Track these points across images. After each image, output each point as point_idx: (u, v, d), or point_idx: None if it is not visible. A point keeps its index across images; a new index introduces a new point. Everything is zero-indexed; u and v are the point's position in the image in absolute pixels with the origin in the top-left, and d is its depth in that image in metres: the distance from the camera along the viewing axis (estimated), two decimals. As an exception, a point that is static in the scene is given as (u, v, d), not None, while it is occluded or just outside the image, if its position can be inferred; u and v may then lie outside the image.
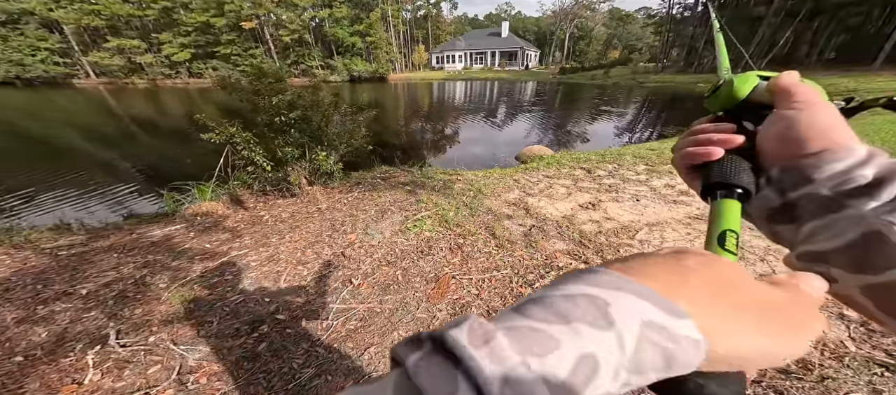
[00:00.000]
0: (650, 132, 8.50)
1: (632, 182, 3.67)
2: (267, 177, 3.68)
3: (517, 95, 20.06)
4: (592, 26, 58.16)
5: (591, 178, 3.93)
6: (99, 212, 4.53)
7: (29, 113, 15.54)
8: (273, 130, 3.44)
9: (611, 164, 4.33)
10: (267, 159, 3.34)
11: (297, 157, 3.56)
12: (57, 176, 6.11)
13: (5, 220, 3.81)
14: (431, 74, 44.35)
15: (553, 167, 4.54)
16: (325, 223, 3.10)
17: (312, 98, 3.71)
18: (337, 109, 4.45)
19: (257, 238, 2.74)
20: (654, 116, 11.40)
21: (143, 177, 6.20)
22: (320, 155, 3.43)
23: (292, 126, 3.41)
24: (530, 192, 3.66)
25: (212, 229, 2.94)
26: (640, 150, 4.91)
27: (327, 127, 3.88)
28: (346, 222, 3.13)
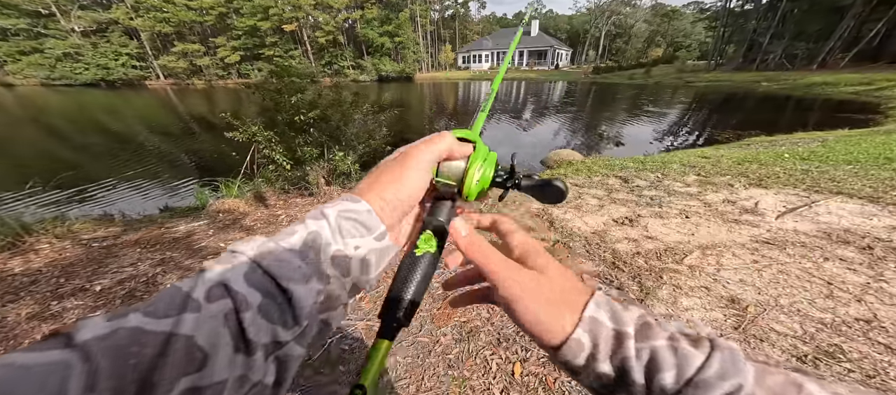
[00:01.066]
0: (698, 136, 7.60)
1: (680, 195, 3.19)
2: (287, 175, 3.70)
3: (545, 95, 19.22)
4: (632, 23, 54.45)
5: (628, 188, 3.49)
6: (151, 202, 4.91)
7: (111, 111, 17.72)
8: (293, 129, 3.44)
9: (653, 173, 3.83)
10: (287, 158, 3.34)
11: (315, 156, 3.53)
12: (130, 168, 6.81)
13: (82, 207, 4.23)
14: (457, 73, 44.22)
15: (583, 175, 4.13)
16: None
17: (333, 97, 3.67)
18: (358, 108, 4.42)
19: None
20: (704, 118, 10.20)
21: (197, 169, 6.69)
22: (337, 155, 3.36)
23: (312, 125, 3.38)
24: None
25: (230, 226, 2.98)
26: (690, 157, 4.31)
27: (346, 127, 3.83)
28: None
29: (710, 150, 4.90)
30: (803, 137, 5.92)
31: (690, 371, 0.21)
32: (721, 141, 6.73)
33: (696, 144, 6.64)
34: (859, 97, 12.21)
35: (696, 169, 3.76)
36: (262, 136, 3.10)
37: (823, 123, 7.57)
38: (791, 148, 4.51)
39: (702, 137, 7.58)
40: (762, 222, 2.60)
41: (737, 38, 24.71)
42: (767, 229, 2.49)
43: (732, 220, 2.67)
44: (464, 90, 25.04)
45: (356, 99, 3.99)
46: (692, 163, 4.00)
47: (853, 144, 4.57)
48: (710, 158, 4.12)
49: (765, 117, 9.47)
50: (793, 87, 16.41)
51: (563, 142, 7.79)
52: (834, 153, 4.01)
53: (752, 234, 2.47)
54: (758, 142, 5.89)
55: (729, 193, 3.11)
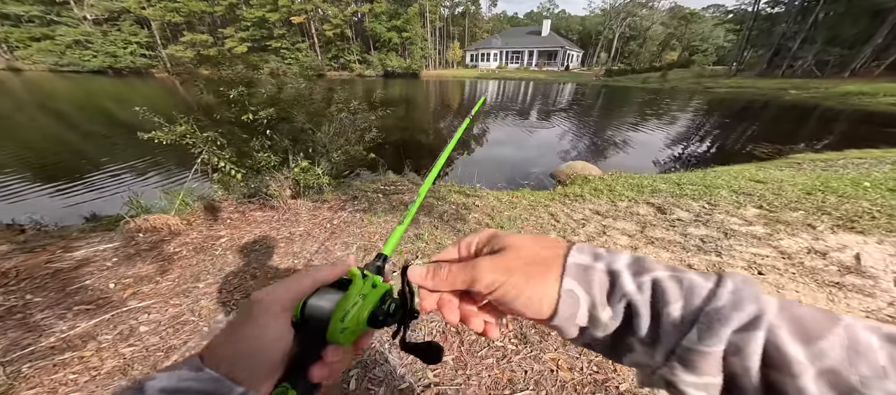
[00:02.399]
0: (731, 150, 6.71)
1: (741, 238, 2.40)
2: (241, 186, 2.99)
3: (555, 97, 18.30)
4: (648, 25, 52.82)
5: (666, 222, 2.71)
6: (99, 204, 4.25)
7: (117, 99, 17.35)
8: (247, 131, 2.73)
9: (697, 201, 3.03)
10: (236, 166, 2.63)
11: (276, 164, 2.81)
12: (131, 159, 6.20)
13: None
14: (464, 72, 43.35)
15: (604, 197, 3.35)
16: (288, 258, 2.31)
17: (296, 94, 2.95)
18: (339, 106, 3.71)
19: (183, 279, 2.01)
20: (733, 127, 9.25)
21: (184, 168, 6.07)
22: (300, 164, 2.65)
23: (269, 127, 2.66)
24: (572, 238, 2.55)
25: (144, 254, 2.28)
26: (739, 180, 3.48)
27: (318, 129, 3.12)
28: (315, 261, 2.31)
29: (759, 170, 4.06)
30: (862, 157, 5.03)
31: (699, 301, 0.19)
32: (760, 157, 5.85)
33: (729, 159, 5.76)
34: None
35: (753, 199, 2.95)
36: (195, 137, 2.39)
37: (871, 138, 6.62)
38: (864, 173, 3.65)
39: (735, 150, 6.68)
40: (876, 288, 1.80)
41: (762, 43, 23.32)
42: (890, 301, 1.70)
43: (830, 282, 1.88)
44: (470, 89, 24.21)
45: (329, 95, 3.26)
46: (745, 189, 3.18)
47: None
48: (767, 184, 3.29)
49: (802, 129, 8.51)
50: (824, 95, 15.24)
51: (576, 151, 6.97)
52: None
53: (866, 307, 1.68)
54: (808, 160, 5.02)
55: (812, 238, 2.30)
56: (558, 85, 26.81)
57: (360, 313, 0.29)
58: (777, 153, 5.99)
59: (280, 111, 2.70)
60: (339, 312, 0.29)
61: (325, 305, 0.29)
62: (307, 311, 0.29)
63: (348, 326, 0.29)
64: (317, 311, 0.29)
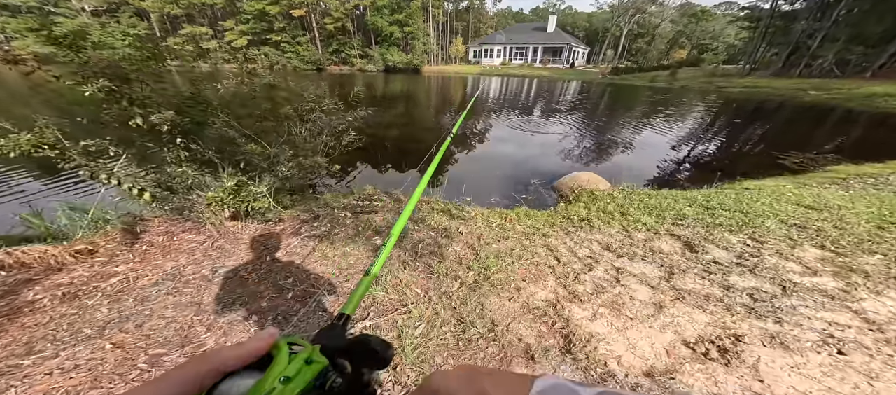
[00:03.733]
0: (757, 160, 6.01)
1: (805, 293, 1.78)
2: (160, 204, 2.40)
3: (559, 95, 17.52)
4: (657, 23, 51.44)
5: (700, 266, 2.08)
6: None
7: None
8: (155, 139, 2.12)
9: (735, 233, 2.40)
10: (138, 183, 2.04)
11: (199, 182, 2.22)
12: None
13: None
14: (466, 68, 42.45)
15: (616, 223, 2.73)
16: (186, 313, 1.72)
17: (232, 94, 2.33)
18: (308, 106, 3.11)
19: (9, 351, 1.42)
20: (753, 132, 8.50)
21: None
22: (224, 183, 2.05)
23: (181, 134, 2.06)
24: (576, 288, 1.95)
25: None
26: (785, 204, 2.83)
27: (260, 139, 2.50)
28: (226, 321, 1.72)
29: (799, 187, 3.38)
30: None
31: None
32: (792, 168, 5.16)
33: (756, 169, 5.08)
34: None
35: (810, 234, 2.30)
36: (64, 149, 1.79)
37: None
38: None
39: (761, 158, 5.98)
40: None
41: (779, 41, 22.21)
42: None
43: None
44: (472, 85, 23.44)
45: (273, 92, 2.64)
46: (796, 219, 2.53)
47: None
48: (822, 212, 2.64)
49: (830, 134, 7.77)
50: (847, 97, 14.33)
51: (581, 158, 6.30)
52: None
53: None
54: (852, 175, 4.33)
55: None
56: (563, 83, 25.97)
57: (293, 387, 0.23)
58: (810, 163, 5.30)
59: (200, 115, 2.09)
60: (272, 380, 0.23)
61: (236, 391, 0.23)
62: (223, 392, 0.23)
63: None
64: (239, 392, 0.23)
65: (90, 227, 2.46)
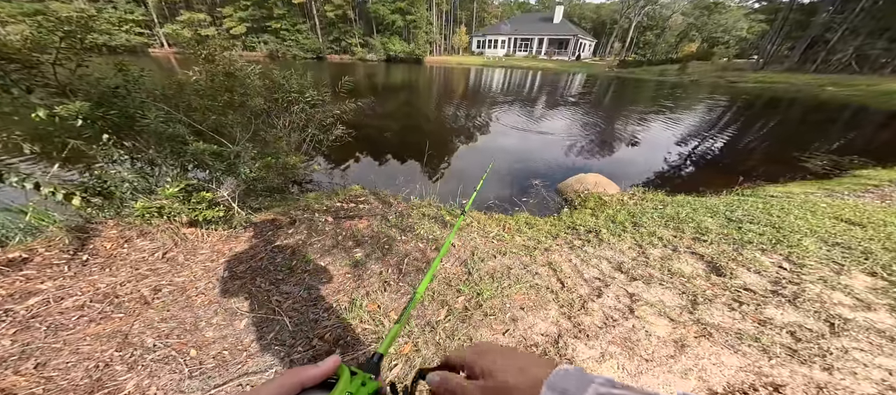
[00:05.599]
0: (777, 163, 5.61)
1: (858, 333, 1.46)
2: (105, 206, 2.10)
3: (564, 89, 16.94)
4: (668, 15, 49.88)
5: (728, 294, 1.76)
6: None
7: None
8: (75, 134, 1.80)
9: (767, 253, 2.07)
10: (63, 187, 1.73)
11: (138, 187, 1.90)
12: None
13: None
14: (470, 59, 41.47)
15: (628, 236, 2.40)
16: (111, 346, 1.43)
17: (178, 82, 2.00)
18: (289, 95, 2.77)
19: None
20: (770, 131, 8.03)
21: None
22: (167, 188, 1.74)
23: (103, 129, 1.73)
24: (582, 319, 1.65)
25: None
26: (821, 217, 2.48)
27: (212, 137, 2.16)
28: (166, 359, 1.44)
29: (845, 204, 2.99)
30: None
31: None
32: (816, 172, 4.77)
33: (777, 173, 4.70)
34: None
35: (856, 256, 1.97)
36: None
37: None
38: None
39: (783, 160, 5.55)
40: None
41: (796, 34, 21.25)
42: None
43: None
44: (475, 77, 22.80)
45: (229, 82, 2.28)
46: (837, 237, 2.19)
47: None
48: (867, 229, 2.29)
49: (855, 135, 7.30)
50: (866, 94, 13.68)
51: (588, 156, 5.92)
52: None
53: None
54: (887, 182, 3.95)
55: None
56: (568, 75, 25.26)
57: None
58: (835, 168, 4.90)
59: (136, 107, 1.76)
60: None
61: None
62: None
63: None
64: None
65: (30, 231, 2.17)
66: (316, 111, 4.14)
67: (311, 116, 4.06)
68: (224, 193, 2.20)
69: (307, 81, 3.90)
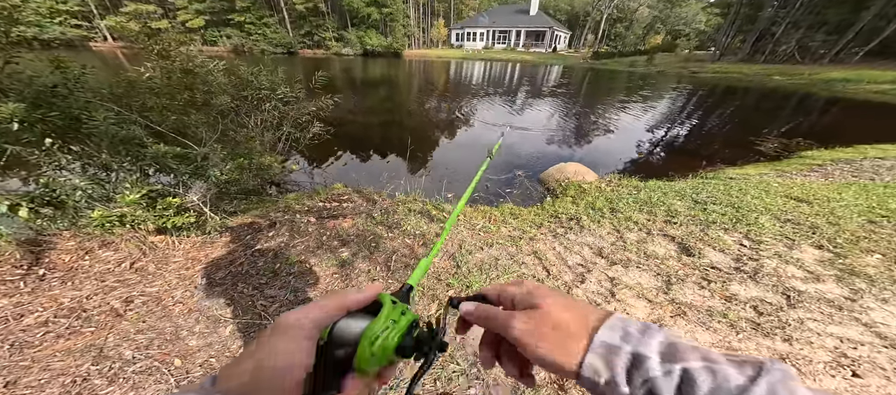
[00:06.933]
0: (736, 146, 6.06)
1: (811, 303, 1.63)
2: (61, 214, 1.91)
3: (542, 81, 17.31)
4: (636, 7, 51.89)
5: (698, 273, 1.90)
6: None
7: None
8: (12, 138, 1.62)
9: (729, 231, 2.25)
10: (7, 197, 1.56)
11: (94, 195, 1.75)
12: None
13: None
14: (449, 52, 41.18)
15: (606, 222, 2.52)
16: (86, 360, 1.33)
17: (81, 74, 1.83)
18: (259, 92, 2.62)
19: None
20: (729, 118, 8.66)
21: None
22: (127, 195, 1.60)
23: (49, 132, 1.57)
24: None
25: None
26: (773, 196, 2.73)
27: (174, 139, 2.01)
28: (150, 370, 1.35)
29: (794, 183, 3.30)
30: (883, 156, 4.46)
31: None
32: (768, 154, 5.22)
33: (735, 156, 5.10)
34: (887, 97, 10.96)
35: (805, 231, 2.19)
36: None
37: (872, 131, 6.17)
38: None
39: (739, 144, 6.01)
40: None
41: (746, 28, 22.95)
42: None
43: None
44: (456, 70, 22.68)
45: (188, 79, 2.12)
46: (789, 214, 2.42)
47: None
48: (813, 205, 2.55)
49: (801, 120, 8.03)
50: (809, 82, 15.09)
51: (566, 145, 6.12)
52: None
53: None
54: (828, 161, 4.39)
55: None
56: (545, 67, 25.75)
57: (389, 340, 0.28)
58: (784, 149, 5.39)
59: (81, 107, 1.60)
60: (367, 337, 0.27)
61: (353, 330, 0.28)
62: (335, 334, 0.28)
63: (376, 352, 0.27)
64: (345, 335, 0.28)
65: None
66: (290, 109, 3.97)
67: (285, 113, 3.88)
68: (193, 198, 2.07)
69: (278, 77, 3.72)
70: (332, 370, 0.27)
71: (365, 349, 0.27)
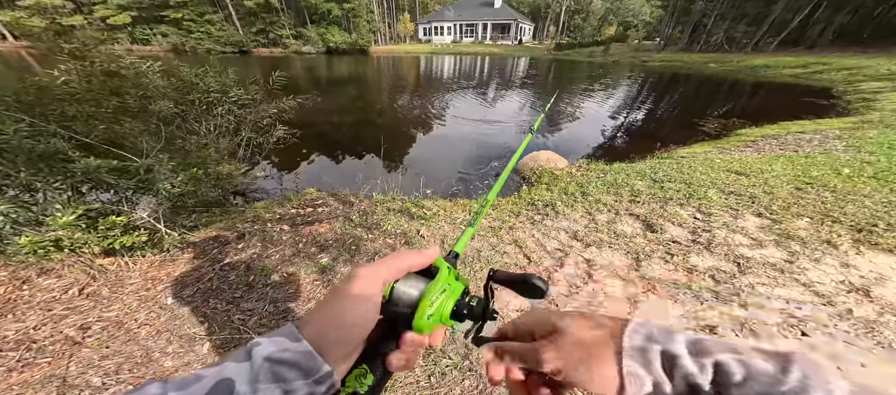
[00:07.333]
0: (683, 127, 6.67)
1: (758, 268, 1.85)
2: None
3: (511, 74, 17.70)
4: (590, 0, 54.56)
5: (662, 248, 2.08)
6: None
7: None
8: None
9: (684, 206, 2.48)
10: None
11: (18, 220, 1.51)
12: None
13: None
14: (418, 47, 40.55)
15: (579, 206, 2.67)
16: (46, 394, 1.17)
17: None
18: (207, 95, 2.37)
19: None
20: (676, 102, 9.51)
21: None
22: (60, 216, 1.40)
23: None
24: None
25: None
26: (718, 173, 3.05)
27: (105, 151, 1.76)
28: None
29: (733, 158, 3.70)
30: (802, 130, 5.17)
31: (761, 386, 0.19)
32: (710, 133, 5.82)
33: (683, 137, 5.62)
34: (800, 80, 12.65)
35: (745, 201, 2.48)
36: None
37: (791, 109, 7.13)
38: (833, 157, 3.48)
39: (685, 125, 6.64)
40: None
41: (683, 19, 25.19)
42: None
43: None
44: (426, 65, 22.37)
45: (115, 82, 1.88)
46: (731, 187, 2.72)
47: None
48: (750, 177, 2.89)
49: (735, 102, 9.01)
50: (738, 68, 16.95)
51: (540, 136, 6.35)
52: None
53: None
54: (759, 137, 4.99)
55: (840, 263, 1.83)
56: (513, 59, 26.34)
57: (445, 304, 0.30)
58: (723, 129, 6.03)
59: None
60: (426, 299, 0.29)
61: (413, 291, 0.30)
62: (395, 294, 0.29)
63: (434, 315, 0.29)
64: (405, 295, 0.29)
65: None
66: (247, 112, 3.69)
67: (242, 117, 3.61)
68: (143, 215, 1.87)
69: (229, 78, 3.43)
70: (391, 326, 0.29)
71: (424, 310, 0.28)
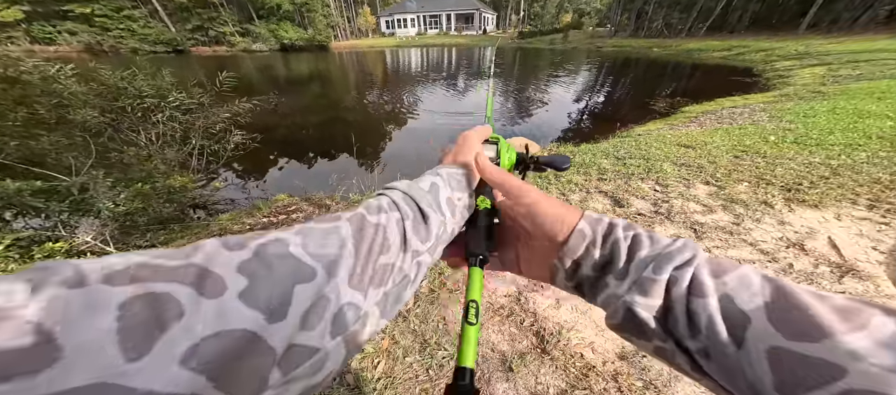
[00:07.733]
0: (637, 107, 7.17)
1: (711, 232, 2.04)
2: None
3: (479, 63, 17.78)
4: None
5: (630, 218, 2.22)
6: None
7: None
8: None
9: (646, 181, 2.67)
10: None
11: None
12: None
13: None
14: (382, 41, 39.20)
15: (553, 187, 2.76)
16: None
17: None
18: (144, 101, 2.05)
19: None
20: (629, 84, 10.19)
21: None
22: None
23: None
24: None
25: None
26: (670, 147, 3.31)
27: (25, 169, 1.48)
28: None
29: (668, 126, 4.05)
30: (734, 105, 5.79)
31: (659, 248, 0.26)
32: (661, 112, 6.32)
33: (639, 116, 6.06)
34: (727, 61, 14.15)
35: (694, 171, 2.72)
36: None
37: (724, 87, 7.98)
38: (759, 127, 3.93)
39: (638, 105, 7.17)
40: (874, 289, 1.57)
41: (629, 7, 27.08)
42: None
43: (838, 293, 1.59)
44: (392, 59, 21.65)
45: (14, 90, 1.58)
46: (683, 159, 2.97)
47: (823, 116, 4.13)
48: (696, 149, 3.18)
49: (678, 82, 9.87)
50: (676, 52, 18.57)
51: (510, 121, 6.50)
52: (824, 134, 3.39)
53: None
54: (700, 113, 5.50)
55: (776, 221, 2.08)
56: (479, 49, 26.49)
57: (511, 156, 0.47)
58: (671, 107, 6.58)
59: None
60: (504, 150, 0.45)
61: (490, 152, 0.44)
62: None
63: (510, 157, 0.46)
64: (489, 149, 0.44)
65: None
66: (194, 117, 3.32)
67: (190, 124, 3.24)
68: (86, 239, 1.61)
69: (165, 80, 3.05)
70: None
71: (504, 155, 0.44)
